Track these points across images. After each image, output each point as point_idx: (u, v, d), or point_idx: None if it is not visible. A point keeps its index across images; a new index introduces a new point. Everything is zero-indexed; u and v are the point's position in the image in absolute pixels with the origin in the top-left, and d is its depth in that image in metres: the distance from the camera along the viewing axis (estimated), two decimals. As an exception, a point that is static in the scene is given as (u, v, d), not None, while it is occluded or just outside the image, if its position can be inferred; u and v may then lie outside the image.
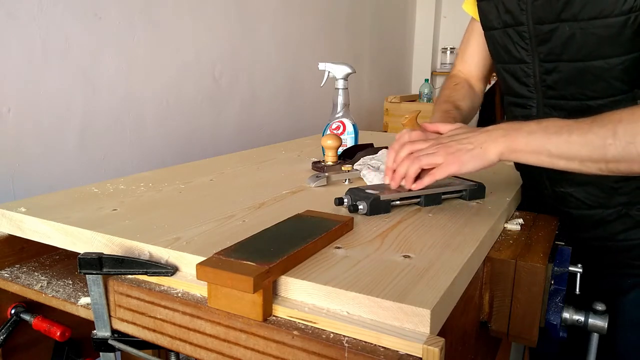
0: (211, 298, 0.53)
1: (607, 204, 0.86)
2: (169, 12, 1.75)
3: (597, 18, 0.74)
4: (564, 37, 0.79)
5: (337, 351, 0.47)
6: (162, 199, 0.85)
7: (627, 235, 0.87)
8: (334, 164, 1.05)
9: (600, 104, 0.79)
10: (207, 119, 1.97)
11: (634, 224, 0.86)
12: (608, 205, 0.86)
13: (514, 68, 0.89)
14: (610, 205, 0.86)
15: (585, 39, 0.76)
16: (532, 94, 0.87)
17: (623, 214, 0.86)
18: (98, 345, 0.63)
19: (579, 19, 0.76)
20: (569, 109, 0.83)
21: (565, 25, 0.78)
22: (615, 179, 0.83)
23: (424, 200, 0.82)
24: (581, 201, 0.89)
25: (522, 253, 0.74)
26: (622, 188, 0.84)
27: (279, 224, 0.66)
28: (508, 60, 0.90)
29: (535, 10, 0.81)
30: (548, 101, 0.86)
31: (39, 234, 0.74)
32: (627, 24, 0.71)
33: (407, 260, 0.59)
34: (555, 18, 0.78)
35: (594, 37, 0.75)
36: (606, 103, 0.78)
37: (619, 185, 0.84)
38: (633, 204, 0.85)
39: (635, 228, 0.86)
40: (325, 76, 1.20)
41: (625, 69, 0.75)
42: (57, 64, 1.41)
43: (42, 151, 1.39)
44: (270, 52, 2.29)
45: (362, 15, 3.16)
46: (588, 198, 0.88)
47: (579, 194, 0.88)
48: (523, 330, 0.73)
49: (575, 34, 0.77)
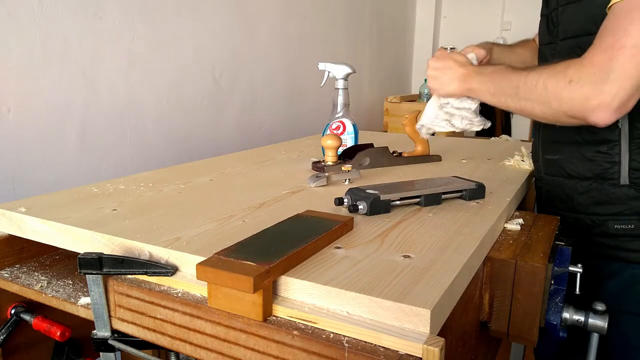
0: (211, 298, 0.53)
1: (582, 174, 0.93)
2: (169, 12, 1.75)
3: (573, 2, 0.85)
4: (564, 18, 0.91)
5: (337, 351, 0.47)
6: (162, 199, 0.85)
7: (594, 209, 0.92)
8: (334, 164, 1.05)
9: None
10: (207, 119, 1.97)
11: (601, 200, 0.90)
12: (582, 175, 0.93)
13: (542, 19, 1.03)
14: (584, 177, 0.92)
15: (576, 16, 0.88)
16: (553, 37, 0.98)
17: (593, 187, 0.91)
18: (98, 345, 0.63)
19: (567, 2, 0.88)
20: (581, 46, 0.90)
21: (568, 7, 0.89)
22: (594, 149, 0.90)
23: (424, 200, 0.82)
24: (563, 169, 0.96)
25: (522, 253, 0.74)
26: (597, 160, 0.90)
27: (279, 224, 0.66)
28: (542, 13, 1.03)
29: None
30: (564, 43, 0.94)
31: (39, 234, 0.74)
32: None
33: (407, 260, 0.59)
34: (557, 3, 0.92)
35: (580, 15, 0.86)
36: None
37: (596, 156, 0.90)
38: (604, 179, 0.89)
39: (602, 204, 0.90)
40: (325, 76, 1.20)
41: None
42: (57, 64, 1.41)
43: (42, 151, 1.39)
44: (270, 52, 2.29)
45: (362, 15, 3.16)
46: (568, 166, 0.95)
47: (562, 162, 0.96)
48: (523, 330, 0.73)
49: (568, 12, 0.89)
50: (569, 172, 0.95)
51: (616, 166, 0.88)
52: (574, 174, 0.95)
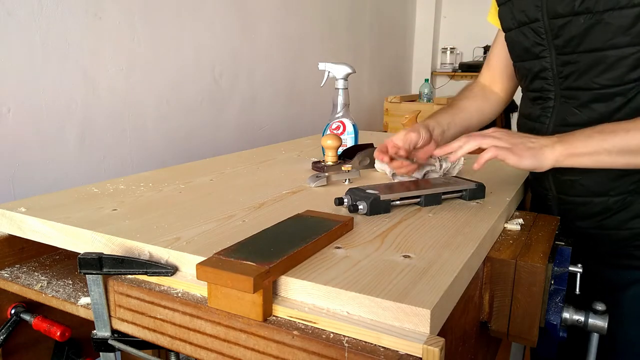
0: (211, 298, 0.53)
1: (613, 192, 0.87)
2: (169, 12, 1.75)
3: (614, 9, 0.77)
4: (580, 29, 0.82)
5: (337, 351, 0.47)
6: (162, 199, 0.85)
7: (632, 224, 0.88)
8: (334, 164, 1.05)
9: (613, 92, 0.82)
10: (207, 119, 1.97)
11: (638, 213, 0.87)
12: (614, 192, 0.87)
13: (532, 64, 0.92)
14: (616, 193, 0.87)
15: (601, 30, 0.80)
16: (550, 86, 0.90)
17: (628, 201, 0.87)
18: (98, 345, 0.63)
19: (594, 11, 0.79)
20: (584, 98, 0.85)
21: (580, 18, 0.81)
22: None
23: (424, 200, 0.82)
24: (587, 188, 0.90)
25: (522, 253, 0.74)
26: (629, 175, 0.85)
27: (279, 224, 0.66)
28: (526, 58, 0.94)
29: (550, 6, 0.85)
30: (564, 92, 0.88)
31: (39, 234, 0.74)
32: None
33: (407, 260, 0.59)
34: (570, 11, 0.82)
35: (609, 28, 0.79)
36: (619, 91, 0.81)
37: (627, 172, 0.85)
38: (639, 193, 0.85)
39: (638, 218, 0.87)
40: (325, 76, 1.20)
41: (639, 58, 0.78)
42: (57, 64, 1.41)
43: (42, 151, 1.39)
44: (270, 52, 2.29)
45: (362, 15, 3.16)
46: (594, 185, 0.89)
47: (586, 181, 0.89)
48: (523, 330, 0.73)
49: (590, 25, 0.80)
50: (596, 191, 0.88)
51: None
52: (603, 191, 0.87)
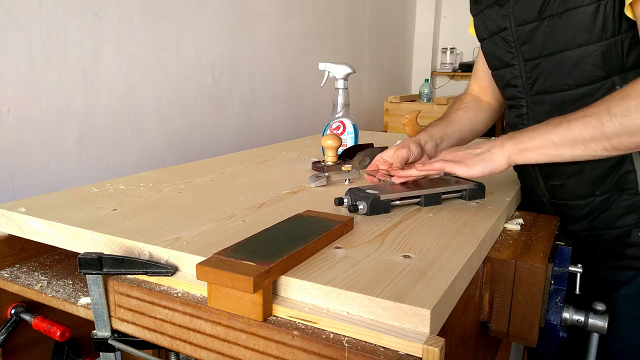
0: (211, 298, 0.53)
1: (598, 191, 0.89)
2: (169, 12, 1.75)
3: (571, 9, 0.78)
4: (544, 34, 0.83)
5: (337, 351, 0.47)
6: (162, 199, 0.85)
7: (620, 222, 0.89)
8: (334, 164, 1.05)
9: (582, 92, 0.82)
10: (207, 119, 1.97)
11: (624, 210, 0.88)
12: (599, 192, 0.89)
13: (504, 72, 0.94)
14: (601, 192, 0.88)
15: (562, 31, 0.81)
16: (521, 93, 0.92)
17: (612, 199, 0.88)
18: (98, 345, 0.63)
19: (556, 13, 0.80)
20: (553, 101, 0.86)
21: (544, 22, 0.82)
22: (605, 166, 0.85)
23: (424, 200, 0.82)
24: (574, 191, 0.91)
25: (522, 253, 0.74)
26: (612, 175, 0.86)
27: (279, 224, 0.66)
28: (499, 66, 0.95)
29: (516, 13, 0.86)
30: (534, 97, 0.89)
31: (39, 234, 0.74)
32: (598, 12, 0.76)
33: (407, 260, 0.59)
34: (536, 17, 0.83)
35: (569, 28, 0.80)
36: (587, 91, 0.81)
37: (609, 172, 0.86)
38: (623, 190, 0.87)
39: (627, 214, 0.88)
40: (325, 76, 1.20)
41: (600, 55, 0.78)
42: (57, 64, 1.41)
43: (42, 151, 1.39)
44: (270, 52, 2.29)
45: (362, 15, 3.16)
46: (580, 188, 0.90)
47: (572, 185, 0.91)
48: (523, 331, 0.73)
49: (553, 28, 0.82)
50: (582, 193, 0.89)
51: (632, 174, 0.84)
52: (588, 193, 0.89)
